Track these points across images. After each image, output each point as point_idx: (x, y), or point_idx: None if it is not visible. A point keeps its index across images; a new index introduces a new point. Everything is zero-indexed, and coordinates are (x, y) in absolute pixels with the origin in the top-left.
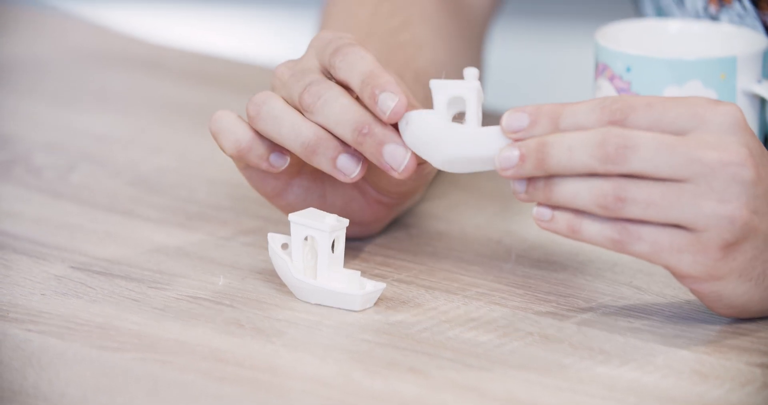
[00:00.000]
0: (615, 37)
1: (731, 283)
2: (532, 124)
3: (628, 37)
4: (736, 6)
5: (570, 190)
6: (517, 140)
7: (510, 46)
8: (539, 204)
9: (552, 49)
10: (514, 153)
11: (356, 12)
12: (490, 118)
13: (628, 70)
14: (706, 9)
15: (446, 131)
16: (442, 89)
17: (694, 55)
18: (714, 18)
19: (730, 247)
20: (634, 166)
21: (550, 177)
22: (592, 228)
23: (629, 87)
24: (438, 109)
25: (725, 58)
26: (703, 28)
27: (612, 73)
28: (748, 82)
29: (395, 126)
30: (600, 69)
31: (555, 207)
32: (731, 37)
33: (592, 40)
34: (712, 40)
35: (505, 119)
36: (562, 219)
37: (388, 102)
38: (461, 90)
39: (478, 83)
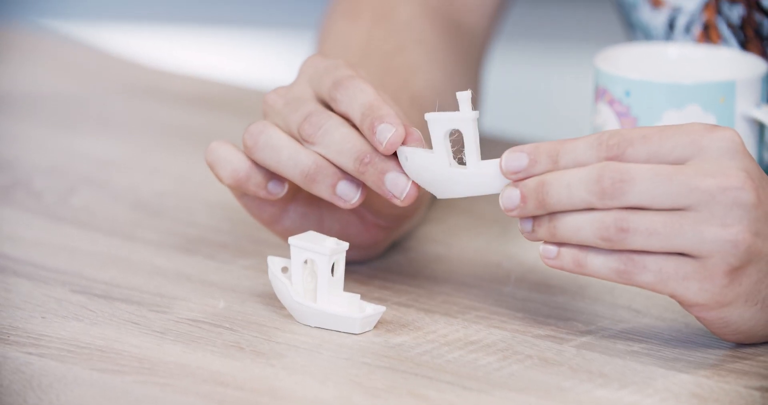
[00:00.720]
0: (614, 61)
1: (738, 309)
2: (532, 163)
3: (627, 61)
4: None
5: (573, 225)
6: (517, 180)
7: (509, 70)
8: (545, 242)
9: (552, 72)
10: (516, 194)
11: (350, 37)
12: (490, 143)
13: (628, 94)
14: None
15: (445, 175)
16: (437, 123)
17: (693, 79)
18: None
19: (735, 271)
20: (633, 199)
21: (553, 214)
22: (596, 261)
23: (629, 111)
24: (436, 144)
25: (724, 82)
26: (702, 52)
27: (611, 97)
28: (747, 107)
29: (396, 156)
30: (599, 93)
31: (560, 244)
32: (730, 62)
33: (591, 64)
34: (711, 65)
35: (504, 161)
36: (568, 254)
37: (385, 133)
38: (457, 123)
39: (472, 112)
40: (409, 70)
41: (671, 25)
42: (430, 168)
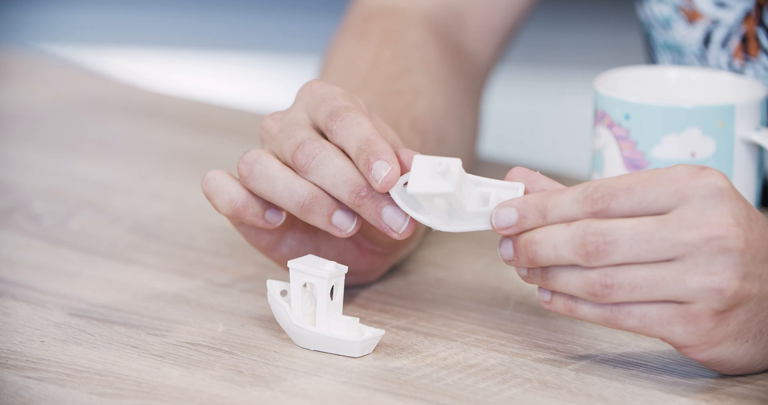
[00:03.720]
0: (614, 85)
1: (729, 347)
2: (521, 219)
3: (627, 85)
4: (763, 59)
5: (562, 279)
6: (509, 235)
7: (510, 93)
8: (540, 287)
9: (551, 96)
10: (510, 247)
11: (356, 58)
12: (490, 166)
13: (627, 117)
14: (730, 64)
15: (438, 228)
16: (423, 194)
17: (692, 102)
18: (739, 73)
19: (721, 314)
20: (617, 259)
21: (545, 267)
22: (585, 308)
23: (628, 134)
24: (426, 211)
25: (723, 106)
26: (701, 76)
27: (611, 120)
28: (747, 130)
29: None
30: (599, 116)
31: (553, 291)
32: (730, 85)
33: (591, 87)
34: (710, 88)
35: (494, 217)
36: (560, 301)
37: (381, 171)
38: (440, 193)
39: (449, 183)
40: (412, 94)
41: (706, 41)
42: (421, 224)
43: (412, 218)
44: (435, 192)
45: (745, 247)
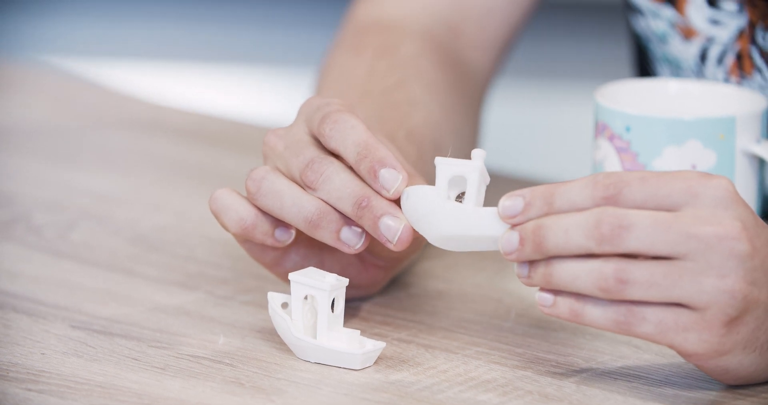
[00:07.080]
0: (615, 97)
1: (737, 356)
2: (527, 206)
3: (627, 97)
4: (758, 78)
5: (569, 273)
6: (515, 224)
7: (510, 105)
8: (541, 289)
9: (552, 108)
10: (515, 237)
11: (352, 71)
12: (490, 178)
13: (628, 129)
14: (726, 81)
15: (443, 207)
16: (445, 166)
17: (693, 115)
18: None
19: (733, 321)
20: (631, 246)
21: (550, 260)
22: (594, 312)
23: (629, 146)
24: (439, 186)
25: (724, 118)
26: (702, 88)
27: (611, 132)
28: (748, 143)
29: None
30: (600, 128)
31: (557, 292)
32: (730, 98)
33: (591, 99)
34: (711, 101)
35: (501, 205)
36: (564, 304)
37: (391, 181)
38: (464, 169)
39: (482, 165)
40: (408, 105)
41: (703, 57)
42: (428, 201)
43: (407, 228)
44: (460, 163)
45: (753, 251)
